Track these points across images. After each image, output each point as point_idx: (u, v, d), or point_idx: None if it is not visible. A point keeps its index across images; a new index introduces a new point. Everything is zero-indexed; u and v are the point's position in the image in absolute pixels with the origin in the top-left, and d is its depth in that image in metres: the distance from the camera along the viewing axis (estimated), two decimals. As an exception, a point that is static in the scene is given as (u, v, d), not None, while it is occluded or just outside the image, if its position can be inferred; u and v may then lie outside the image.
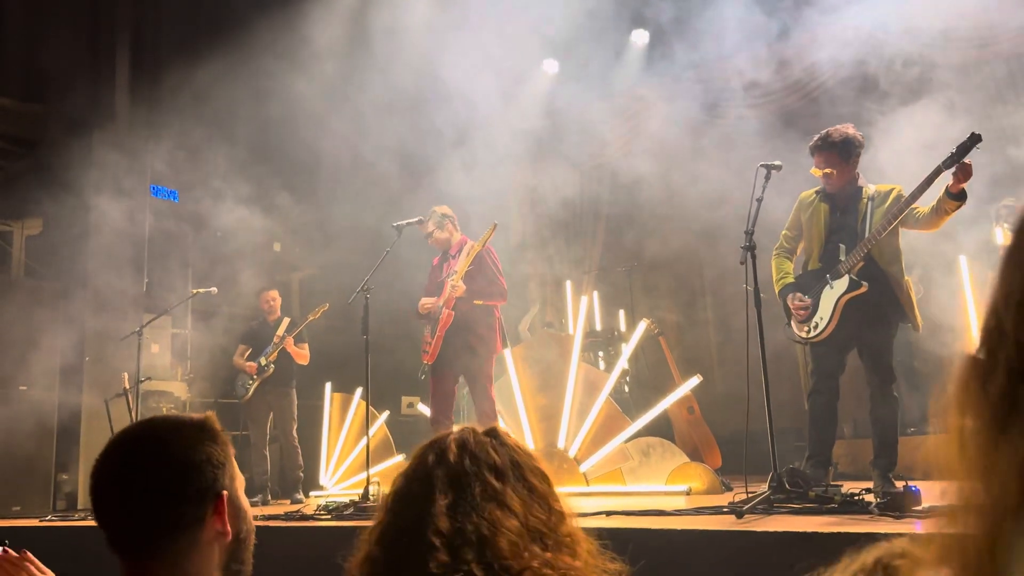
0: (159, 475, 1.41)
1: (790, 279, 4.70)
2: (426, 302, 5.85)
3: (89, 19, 8.78)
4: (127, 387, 7.02)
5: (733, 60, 7.73)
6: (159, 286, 8.43)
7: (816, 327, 4.53)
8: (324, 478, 7.61)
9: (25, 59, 8.51)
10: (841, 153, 4.51)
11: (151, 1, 9.11)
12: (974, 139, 3.99)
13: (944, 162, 4.08)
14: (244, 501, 1.53)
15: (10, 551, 1.84)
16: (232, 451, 1.53)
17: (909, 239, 4.71)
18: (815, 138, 4.57)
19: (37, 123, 8.48)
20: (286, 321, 7.44)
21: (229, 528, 1.46)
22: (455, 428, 1.37)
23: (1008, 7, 6.50)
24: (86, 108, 8.48)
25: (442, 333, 5.69)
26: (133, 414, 6.94)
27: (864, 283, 4.39)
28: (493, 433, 1.35)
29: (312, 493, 7.33)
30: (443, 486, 1.26)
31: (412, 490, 1.29)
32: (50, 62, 8.47)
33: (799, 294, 4.60)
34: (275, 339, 7.31)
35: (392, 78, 7.68)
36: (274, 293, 7.64)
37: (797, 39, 7.20)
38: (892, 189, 4.53)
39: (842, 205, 4.59)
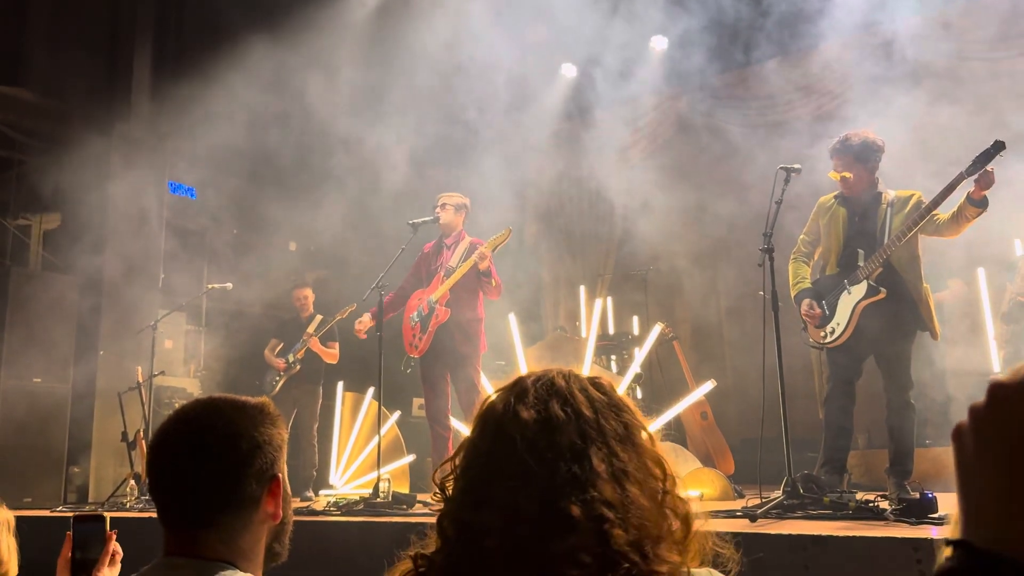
0: (226, 452, 1.44)
1: (806, 284, 4.66)
2: (418, 296, 5.84)
3: (111, 14, 8.84)
4: (140, 381, 7.03)
5: (755, 68, 7.71)
6: (175, 282, 8.46)
7: (833, 332, 4.50)
8: (334, 477, 7.59)
9: (47, 53, 8.57)
10: (859, 157, 4.48)
11: (173, -1, 9.17)
12: (998, 146, 3.96)
13: (967, 169, 4.05)
14: (288, 486, 1.56)
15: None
16: (286, 436, 1.55)
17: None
18: (834, 141, 4.55)
19: (57, 118, 8.53)
20: (318, 319, 7.41)
21: (281, 511, 1.49)
22: (553, 369, 1.18)
23: None
24: (106, 103, 8.53)
25: (434, 329, 5.70)
26: (146, 408, 6.96)
27: (883, 289, 4.35)
28: (600, 387, 1.17)
29: (322, 492, 7.32)
30: (595, 447, 1.07)
31: (555, 443, 1.07)
32: (71, 57, 8.53)
33: (813, 302, 4.56)
34: (304, 336, 7.31)
35: (409, 79, 7.69)
36: (307, 291, 7.64)
37: (819, 46, 7.16)
38: (912, 195, 4.50)
39: (861, 210, 4.56)
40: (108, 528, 1.84)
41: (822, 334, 4.55)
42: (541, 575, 1.00)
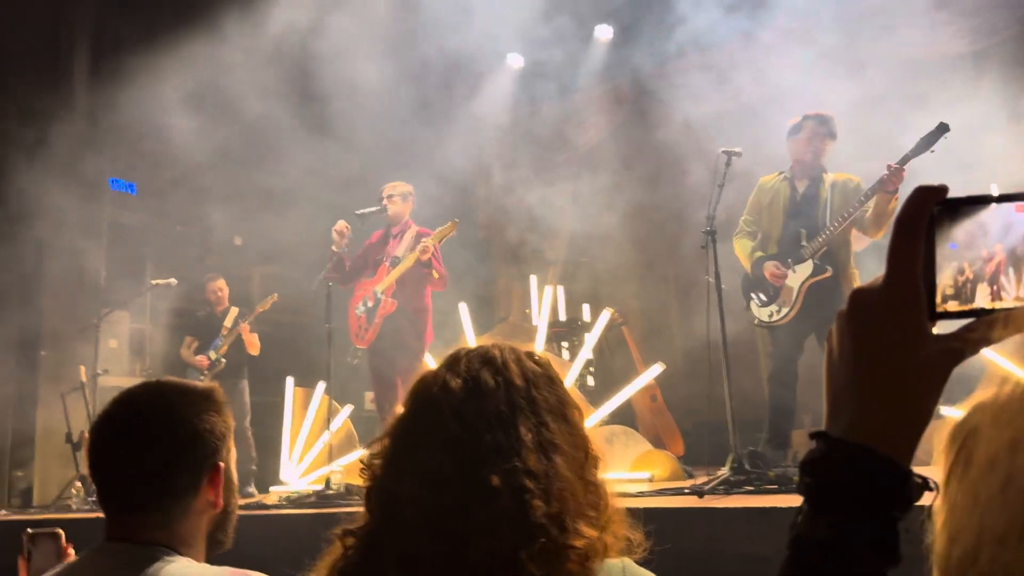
0: (165, 439, 1.43)
1: (762, 253, 4.71)
2: (364, 286, 5.83)
3: (47, 4, 8.60)
4: (84, 381, 6.88)
5: (697, 55, 7.79)
6: (117, 280, 8.28)
7: (779, 311, 4.59)
8: (286, 473, 7.50)
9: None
10: (831, 133, 4.61)
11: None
12: (941, 128, 4.00)
13: (910, 151, 4.11)
14: (235, 475, 1.55)
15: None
16: (232, 424, 1.54)
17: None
18: (808, 117, 4.65)
19: (-9, 114, 8.30)
20: (234, 311, 7.14)
21: (221, 500, 1.48)
22: (489, 343, 1.18)
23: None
24: (42, 97, 8.31)
25: (380, 320, 5.69)
26: (90, 408, 6.81)
27: (829, 268, 4.46)
28: (538, 360, 1.17)
29: (273, 488, 7.23)
30: (523, 416, 1.06)
31: (482, 410, 1.06)
32: (8, 50, 8.29)
33: (778, 263, 4.59)
34: (223, 331, 7.07)
35: (354, 68, 7.62)
36: (221, 283, 7.31)
37: (771, 29, 7.24)
38: (851, 179, 4.62)
39: (803, 190, 4.65)
40: (64, 543, 1.80)
41: (767, 312, 4.65)
42: (460, 545, 0.99)
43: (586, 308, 8.39)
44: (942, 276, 0.59)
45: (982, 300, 0.59)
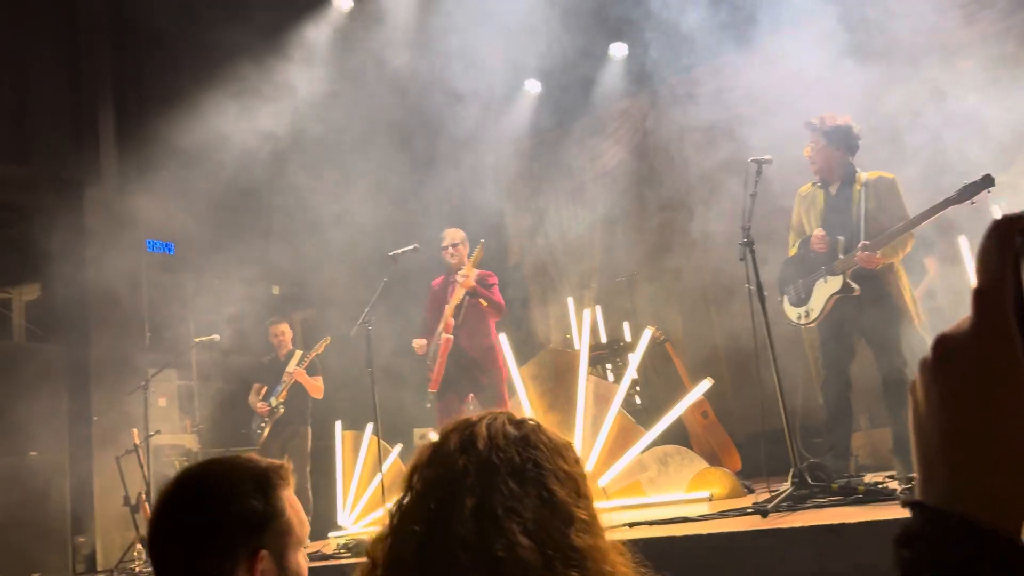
0: (191, 519, 1.39)
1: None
2: (420, 343, 5.84)
3: (69, 76, 8.82)
4: (137, 443, 6.96)
5: (717, 63, 7.74)
6: (162, 339, 8.41)
7: (807, 315, 4.56)
8: (342, 518, 7.51)
9: (9, 122, 8.53)
10: (832, 140, 4.53)
11: (131, 52, 9.16)
12: (986, 182, 3.91)
13: (953, 196, 4.00)
14: (296, 564, 1.43)
15: None
16: (290, 507, 1.44)
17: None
18: (813, 119, 4.60)
19: (25, 187, 8.49)
20: (297, 354, 7.11)
21: None
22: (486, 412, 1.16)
23: None
24: (73, 168, 8.50)
25: (443, 359, 5.68)
26: (145, 469, 6.88)
27: (857, 287, 4.39)
28: (521, 425, 1.13)
29: (331, 534, 7.23)
30: (471, 483, 1.04)
31: (438, 477, 1.07)
32: (34, 123, 8.50)
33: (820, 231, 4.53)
34: (285, 376, 7.06)
35: (376, 109, 7.69)
36: (284, 326, 7.27)
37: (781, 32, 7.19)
38: (883, 176, 4.53)
39: (836, 191, 4.60)
40: None
41: (796, 314, 4.61)
42: None
43: (626, 327, 8.32)
44: None
45: None
